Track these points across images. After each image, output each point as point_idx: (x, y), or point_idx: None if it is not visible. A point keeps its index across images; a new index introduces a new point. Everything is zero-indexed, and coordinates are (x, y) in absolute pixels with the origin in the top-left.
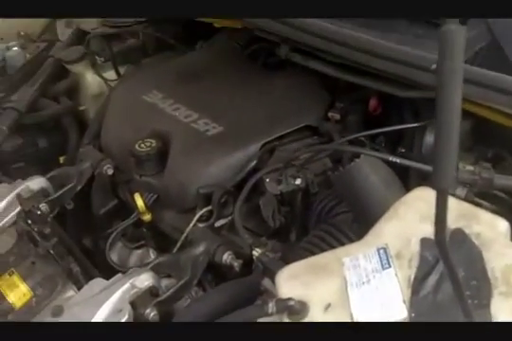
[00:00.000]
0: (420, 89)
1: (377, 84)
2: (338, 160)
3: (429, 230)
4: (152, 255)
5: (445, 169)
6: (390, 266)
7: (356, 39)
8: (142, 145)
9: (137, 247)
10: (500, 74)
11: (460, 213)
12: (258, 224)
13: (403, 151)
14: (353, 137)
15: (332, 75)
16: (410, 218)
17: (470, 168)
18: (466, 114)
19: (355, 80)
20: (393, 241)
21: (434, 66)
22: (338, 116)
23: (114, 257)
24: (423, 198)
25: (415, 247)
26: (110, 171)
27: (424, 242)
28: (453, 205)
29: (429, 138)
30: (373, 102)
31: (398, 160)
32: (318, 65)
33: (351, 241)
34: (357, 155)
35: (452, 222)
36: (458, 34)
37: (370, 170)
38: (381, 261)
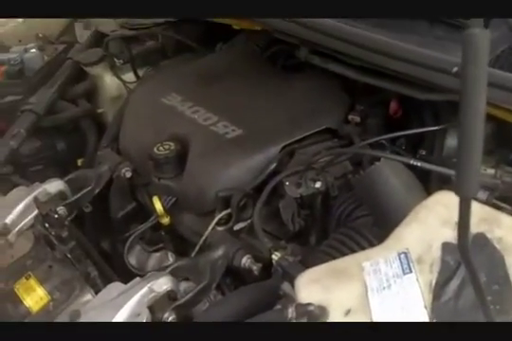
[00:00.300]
0: (440, 92)
1: (397, 87)
2: (359, 163)
3: (450, 235)
4: (170, 258)
5: (468, 176)
6: (411, 271)
7: (376, 41)
8: (161, 148)
9: (156, 250)
10: None
11: (482, 217)
12: (277, 228)
13: (424, 153)
14: (373, 141)
15: (351, 77)
16: (431, 222)
17: (491, 171)
18: (487, 117)
19: (374, 83)
20: (414, 245)
21: (456, 69)
22: (358, 119)
23: (132, 260)
24: (444, 202)
25: (437, 252)
26: (128, 174)
27: (445, 246)
28: (475, 208)
29: (451, 141)
30: (393, 105)
31: (419, 163)
32: (337, 68)
33: (371, 244)
34: (378, 158)
35: (474, 226)
36: (482, 38)
37: (390, 173)
38: (402, 266)
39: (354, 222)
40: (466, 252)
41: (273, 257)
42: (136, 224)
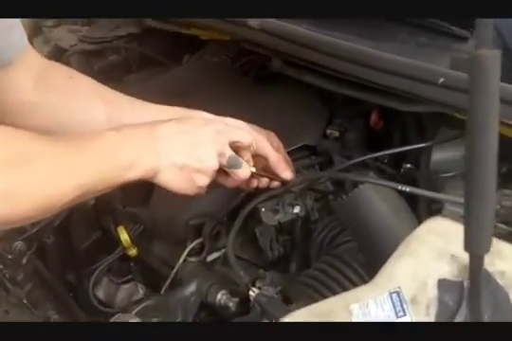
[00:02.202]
0: (425, 103)
1: (378, 98)
2: (340, 183)
3: (446, 270)
4: (140, 290)
5: (479, 232)
6: (405, 314)
7: (354, 51)
8: None
9: (125, 282)
10: None
11: None
12: (255, 254)
13: (408, 167)
14: (356, 161)
15: (329, 89)
16: (424, 255)
17: None
18: None
19: (353, 95)
20: (407, 283)
21: (442, 80)
22: (336, 134)
23: (100, 293)
24: (437, 231)
25: (433, 291)
26: (91, 201)
27: (442, 284)
28: None
29: (438, 155)
30: (374, 117)
31: (408, 189)
32: (313, 79)
33: (356, 273)
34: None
35: None
36: (493, 61)
37: (375, 196)
38: (395, 308)
39: (337, 248)
40: (478, 314)
41: (250, 293)
42: (103, 254)
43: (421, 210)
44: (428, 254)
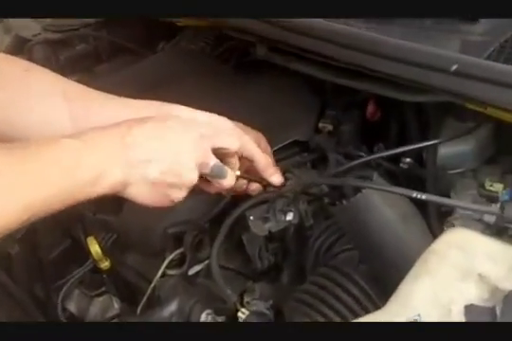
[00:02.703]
0: (432, 92)
1: (376, 88)
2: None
3: (473, 292)
4: (115, 304)
5: None
6: None
7: (350, 35)
8: None
9: (98, 295)
10: None
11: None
12: (243, 263)
13: (407, 161)
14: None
15: (320, 77)
16: (445, 275)
17: (499, 185)
18: (487, 118)
19: (348, 84)
20: (428, 309)
21: (455, 67)
22: (330, 127)
23: (71, 306)
24: (458, 245)
25: (459, 318)
26: None
27: (469, 310)
28: (502, 253)
29: (445, 150)
30: (370, 108)
31: (424, 196)
32: (303, 67)
33: (358, 287)
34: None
35: (504, 277)
36: None
37: (381, 200)
38: None
39: (335, 258)
40: None
41: (239, 315)
42: (73, 264)
43: (431, 213)
44: (450, 273)
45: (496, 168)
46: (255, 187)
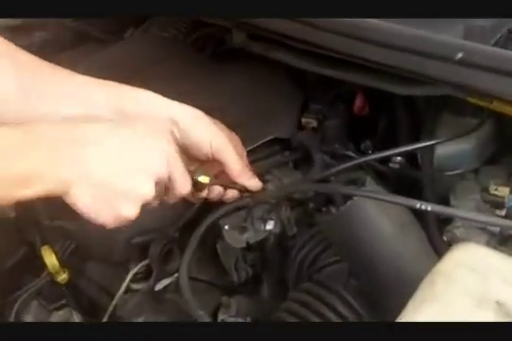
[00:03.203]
0: (429, 84)
1: (366, 79)
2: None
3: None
4: (76, 318)
5: None
6: None
7: (338, 20)
8: None
9: (58, 308)
10: None
11: None
12: (218, 274)
13: (398, 160)
14: (344, 167)
15: (304, 68)
16: (457, 301)
17: (505, 189)
18: (491, 112)
19: (335, 75)
20: None
21: (460, 55)
22: (314, 123)
23: (28, 319)
24: (469, 264)
25: None
26: (12, 213)
27: None
28: None
29: (442, 149)
30: (358, 101)
31: (430, 208)
32: (284, 56)
33: (348, 307)
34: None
35: None
36: None
37: (375, 208)
38: None
39: (321, 271)
40: None
41: None
42: (29, 274)
43: (430, 222)
44: (462, 299)
45: (500, 169)
46: (231, 194)
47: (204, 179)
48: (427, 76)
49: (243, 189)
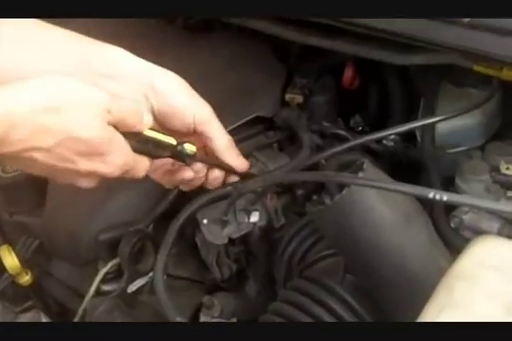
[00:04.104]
0: (432, 52)
1: (358, 48)
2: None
3: None
4: (44, 320)
5: None
6: None
7: None
8: (8, 168)
9: (25, 310)
10: None
11: None
12: (199, 270)
13: (392, 138)
14: (337, 150)
15: (286, 37)
16: (481, 308)
17: None
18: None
19: (322, 44)
20: None
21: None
22: (299, 99)
23: None
24: (494, 262)
25: None
26: None
27: None
28: None
29: (443, 125)
30: (348, 73)
31: (445, 197)
32: (264, 25)
33: (345, 305)
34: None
35: None
36: None
37: (375, 196)
38: None
39: (313, 266)
40: None
41: None
42: None
43: (436, 208)
44: (487, 306)
45: (509, 144)
46: (217, 174)
47: (190, 147)
48: (430, 42)
49: (228, 169)
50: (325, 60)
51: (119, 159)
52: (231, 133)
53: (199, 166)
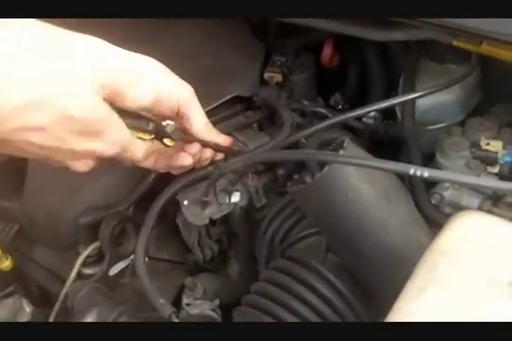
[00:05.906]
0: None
1: (336, 25)
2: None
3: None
4: (26, 308)
5: None
6: None
7: None
8: None
9: (6, 295)
10: None
11: None
12: (180, 250)
13: (372, 115)
14: (318, 128)
15: (265, 15)
16: (464, 285)
17: (498, 143)
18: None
19: (300, 22)
20: None
21: None
22: (278, 77)
23: None
24: (475, 238)
25: None
26: None
27: None
28: None
29: (422, 101)
30: (327, 50)
31: (426, 174)
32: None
33: (328, 284)
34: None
35: None
36: None
37: (356, 173)
38: None
39: (294, 245)
40: None
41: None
42: None
43: (416, 184)
44: (471, 281)
45: (489, 120)
46: (208, 155)
47: (171, 123)
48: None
49: (213, 147)
50: (304, 38)
51: (117, 136)
52: (210, 113)
53: (195, 149)
